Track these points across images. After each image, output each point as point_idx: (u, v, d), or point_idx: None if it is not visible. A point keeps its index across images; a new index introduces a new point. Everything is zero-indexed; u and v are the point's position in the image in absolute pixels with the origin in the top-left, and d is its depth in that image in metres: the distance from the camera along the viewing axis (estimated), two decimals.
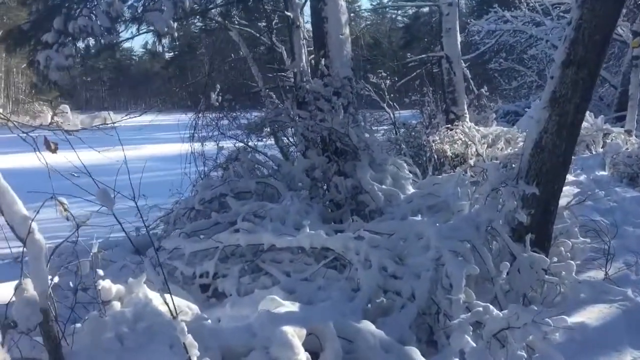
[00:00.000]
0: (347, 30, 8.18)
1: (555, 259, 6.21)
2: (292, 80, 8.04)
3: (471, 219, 5.37)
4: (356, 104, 8.24)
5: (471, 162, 13.04)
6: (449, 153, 13.29)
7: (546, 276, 5.27)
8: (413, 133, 15.47)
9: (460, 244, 4.98)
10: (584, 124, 17.33)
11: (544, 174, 5.63)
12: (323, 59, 7.84)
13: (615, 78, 22.68)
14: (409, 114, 18.58)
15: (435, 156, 13.21)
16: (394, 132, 15.75)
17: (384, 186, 7.02)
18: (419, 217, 6.07)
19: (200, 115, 7.21)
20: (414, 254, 5.14)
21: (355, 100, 8.21)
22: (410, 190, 7.33)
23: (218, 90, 7.20)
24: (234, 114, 7.50)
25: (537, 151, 5.64)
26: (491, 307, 4.47)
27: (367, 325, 4.05)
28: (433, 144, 13.43)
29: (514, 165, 6.42)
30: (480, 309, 4.44)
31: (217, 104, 7.16)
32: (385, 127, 16.36)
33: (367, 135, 7.87)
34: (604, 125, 17.80)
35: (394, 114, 15.64)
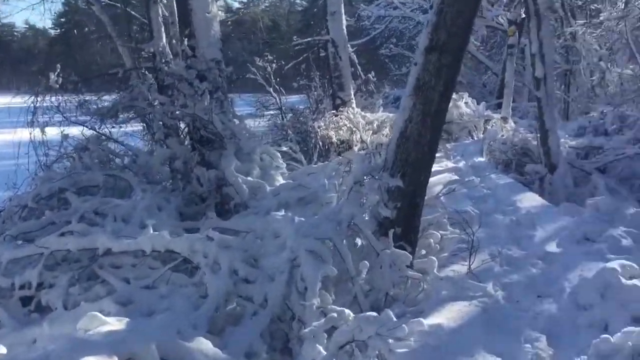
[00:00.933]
0: (214, 8, 7.56)
1: (424, 252, 6.06)
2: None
3: (333, 214, 5.01)
4: (226, 88, 7.65)
5: (356, 149, 12.87)
6: (334, 139, 13.05)
7: (409, 272, 5.02)
8: (300, 118, 15.12)
9: (318, 242, 4.60)
10: (467, 110, 17.80)
11: (409, 164, 5.38)
12: (187, 39, 7.17)
13: (497, 66, 23.57)
14: (298, 99, 18.23)
15: (321, 143, 12.91)
16: (281, 117, 15.34)
17: (250, 178, 6.52)
18: (282, 212, 5.63)
19: (39, 98, 6.31)
20: (270, 255, 4.70)
21: (225, 84, 7.62)
22: (281, 181, 6.89)
23: (58, 70, 6.34)
24: (82, 97, 6.66)
25: (402, 141, 5.37)
26: (347, 311, 4.13)
27: (201, 344, 3.56)
28: (319, 130, 13.13)
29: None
30: (335, 314, 4.09)
31: (57, 85, 6.30)
32: (272, 112, 15.91)
33: (236, 122, 7.34)
34: (486, 112, 18.38)
35: (280, 99, 15.20)
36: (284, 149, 12.55)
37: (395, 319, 3.92)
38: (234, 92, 9.35)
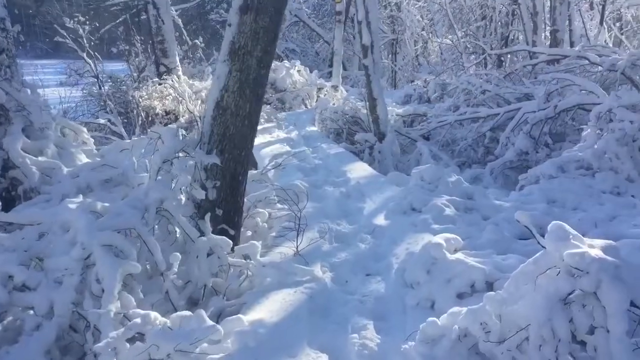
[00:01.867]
0: None
1: (250, 233, 5.57)
2: None
3: (138, 199, 4.28)
4: (12, 51, 6.40)
5: (182, 119, 12.01)
6: (158, 110, 12.06)
7: (230, 260, 4.50)
8: (122, 87, 13.79)
9: (118, 234, 3.87)
10: (300, 79, 17.61)
11: (228, 139, 4.81)
12: None
13: (329, 34, 23.69)
14: (121, 67, 16.68)
15: (144, 114, 11.84)
16: (98, 86, 13.86)
17: (42, 158, 5.50)
18: (81, 198, 4.75)
19: None
20: (58, 253, 3.87)
21: (12, 46, 6.37)
22: (83, 161, 5.93)
23: None
24: None
25: (218, 113, 4.77)
26: (153, 314, 3.49)
27: None
28: (141, 100, 12.03)
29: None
30: (139, 320, 3.44)
31: None
32: (87, 81, 14.31)
33: (28, 92, 6.17)
34: (318, 80, 18.37)
35: (96, 66, 13.69)
36: (102, 121, 11.33)
37: (208, 321, 3.38)
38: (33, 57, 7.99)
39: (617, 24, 24.70)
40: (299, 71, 17.71)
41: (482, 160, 10.39)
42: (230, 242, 4.45)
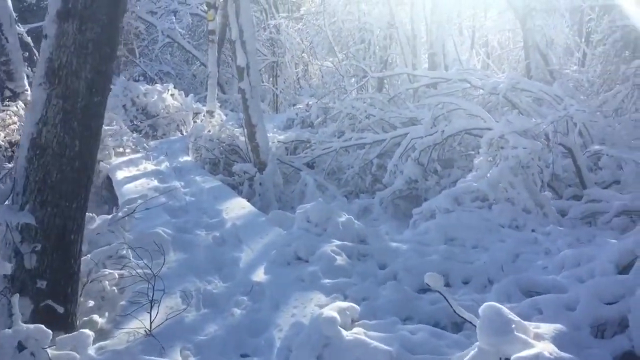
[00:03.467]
0: None
1: (92, 304, 4.34)
2: None
3: None
4: None
5: None
6: (1, 142, 10.28)
7: (53, 353, 3.28)
8: None
9: None
10: (174, 103, 16.27)
11: (50, 187, 3.61)
12: None
13: (206, 56, 22.51)
14: None
15: None
16: None
17: None
18: None
19: None
20: None
21: None
22: None
23: None
24: None
25: (35, 153, 3.57)
26: None
27: None
28: None
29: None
30: None
31: None
32: None
33: None
34: (195, 105, 17.11)
35: None
36: None
37: None
38: None
39: (484, 49, 25.86)
40: (172, 95, 16.37)
41: (371, 189, 9.77)
42: (49, 332, 3.23)
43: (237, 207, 7.19)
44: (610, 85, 21.35)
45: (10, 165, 8.86)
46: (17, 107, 10.42)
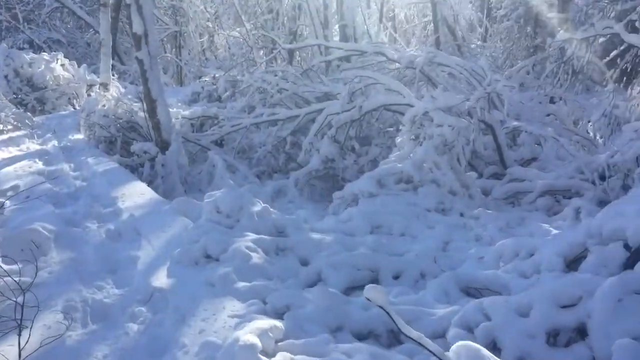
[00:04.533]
0: None
1: None
2: None
3: None
4: None
5: None
6: None
7: None
8: None
9: None
10: (64, 74, 14.75)
11: None
12: None
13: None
14: None
15: None
16: None
17: None
18: None
19: None
20: None
21: None
22: None
23: None
24: None
25: None
26: None
27: None
28: None
29: None
30: None
31: None
32: None
33: None
34: (89, 76, 15.66)
35: None
36: None
37: None
38: None
39: (390, 23, 25.79)
40: (62, 65, 14.85)
41: (285, 169, 9.18)
42: None
43: (136, 194, 6.34)
44: (513, 60, 21.92)
45: None
46: None
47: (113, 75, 13.72)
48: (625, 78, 8.65)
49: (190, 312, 3.58)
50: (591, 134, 7.72)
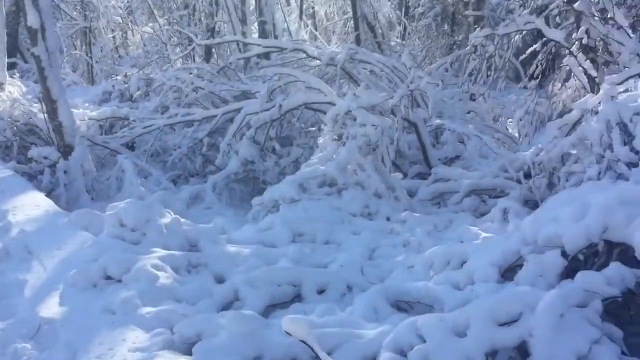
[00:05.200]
0: None
1: None
2: None
3: None
4: None
5: None
6: None
7: None
8: None
9: None
10: None
11: None
12: None
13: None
14: None
15: None
16: None
17: None
18: None
19: None
20: None
21: None
22: None
23: None
24: None
25: None
26: None
27: None
28: None
29: None
30: None
31: None
32: None
33: None
34: None
35: None
36: None
37: None
38: None
39: (310, 20, 25.57)
40: None
41: (202, 172, 8.64)
42: None
43: (30, 205, 5.66)
44: (432, 58, 22.24)
45: None
46: None
47: (14, 74, 12.61)
48: (540, 75, 8.75)
49: (83, 348, 3.07)
50: (514, 131, 7.72)
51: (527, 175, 5.75)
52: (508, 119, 9.37)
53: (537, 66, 7.90)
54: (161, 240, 4.21)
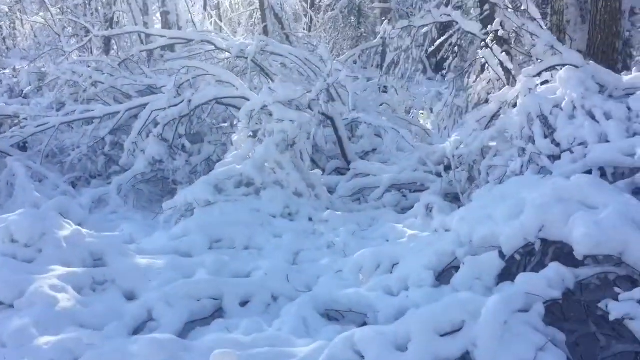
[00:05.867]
0: None
1: None
2: None
3: None
4: None
5: None
6: None
7: None
8: None
9: None
10: None
11: None
12: None
13: None
14: None
15: None
16: None
17: None
18: None
19: None
20: None
21: None
22: None
23: None
24: None
25: None
26: None
27: None
28: None
29: None
30: None
31: None
32: None
33: None
34: None
35: None
36: None
37: None
38: None
39: (215, 11, 24.87)
40: None
41: (105, 173, 8.01)
42: None
43: None
44: (339, 50, 22.29)
45: None
46: None
47: None
48: (448, 68, 8.83)
49: None
50: (428, 123, 7.73)
51: (447, 168, 5.74)
52: (420, 110, 9.43)
53: (446, 58, 7.94)
54: (60, 255, 3.73)
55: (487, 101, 5.75)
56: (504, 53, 5.70)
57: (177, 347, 2.84)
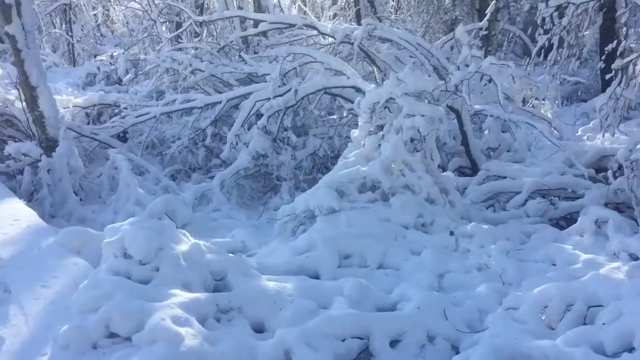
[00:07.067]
0: None
1: None
2: None
3: None
4: None
5: None
6: None
7: None
8: None
9: None
10: None
11: None
12: None
13: None
14: None
15: None
16: None
17: None
18: None
19: None
20: None
21: None
22: None
23: None
24: None
25: None
26: None
27: None
28: None
29: None
30: None
31: None
32: None
33: None
34: None
35: None
36: None
37: None
38: None
39: None
40: None
41: (205, 166, 7.60)
42: None
43: (7, 219, 4.63)
44: (432, 35, 21.16)
45: None
46: None
47: None
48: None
49: None
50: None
51: (600, 172, 4.87)
52: (542, 100, 8.41)
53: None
54: (179, 275, 3.22)
55: None
56: None
57: None
